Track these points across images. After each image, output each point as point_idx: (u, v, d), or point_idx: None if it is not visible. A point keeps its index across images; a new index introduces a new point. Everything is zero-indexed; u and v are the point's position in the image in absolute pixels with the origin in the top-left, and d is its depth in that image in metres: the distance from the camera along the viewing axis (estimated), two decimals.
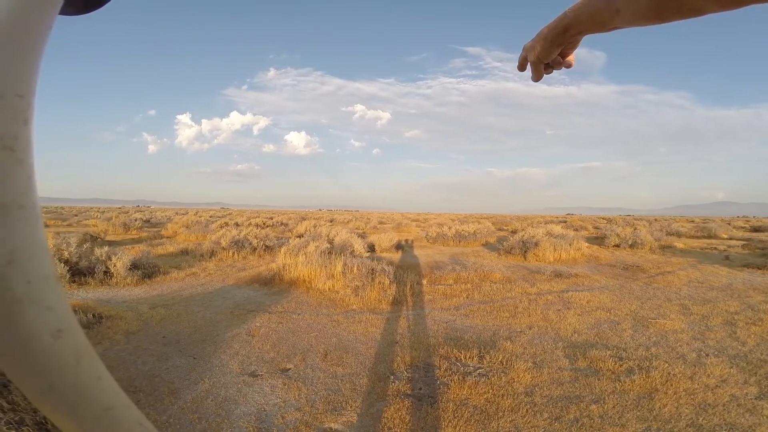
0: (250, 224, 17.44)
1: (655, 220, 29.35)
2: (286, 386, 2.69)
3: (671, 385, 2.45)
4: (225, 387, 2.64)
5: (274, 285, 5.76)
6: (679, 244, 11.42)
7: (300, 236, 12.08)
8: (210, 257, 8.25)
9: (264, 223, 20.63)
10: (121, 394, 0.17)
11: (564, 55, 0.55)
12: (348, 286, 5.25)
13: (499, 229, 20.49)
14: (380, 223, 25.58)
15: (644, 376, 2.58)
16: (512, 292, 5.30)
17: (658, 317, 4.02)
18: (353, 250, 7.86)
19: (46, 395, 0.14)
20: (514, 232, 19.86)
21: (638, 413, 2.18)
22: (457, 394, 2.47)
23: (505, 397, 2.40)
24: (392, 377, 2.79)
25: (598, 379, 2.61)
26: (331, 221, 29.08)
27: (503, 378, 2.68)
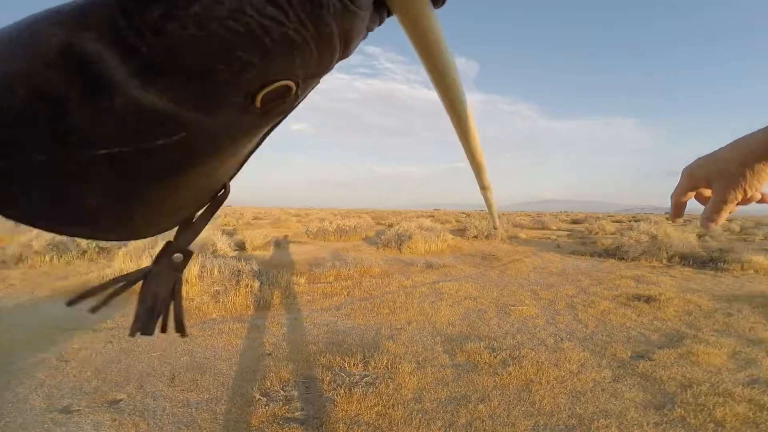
0: None
1: (502, 214, 34.67)
2: (116, 423, 2.06)
3: (543, 374, 2.65)
4: (23, 430, 1.86)
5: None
6: (523, 234, 13.55)
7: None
8: (16, 264, 6.24)
9: None
10: None
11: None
12: (206, 291, 4.50)
13: (378, 223, 21.21)
14: (255, 218, 23.79)
15: (518, 366, 2.74)
16: (390, 286, 5.32)
17: (516, 303, 4.50)
18: (215, 250, 6.92)
19: None
20: (390, 226, 20.82)
21: (523, 408, 2.26)
22: (346, 411, 2.20)
23: (396, 408, 2.24)
24: (265, 399, 2.37)
25: (479, 375, 2.67)
26: None
27: (391, 385, 2.52)
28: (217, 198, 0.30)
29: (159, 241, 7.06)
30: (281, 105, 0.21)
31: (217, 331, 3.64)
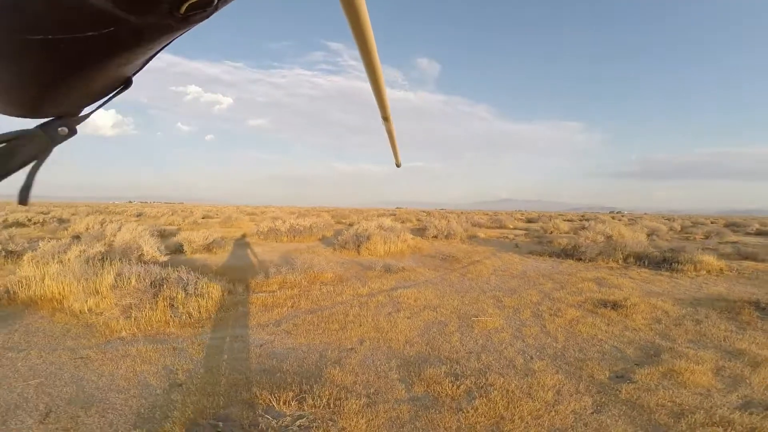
0: None
1: (461, 213, 35.15)
2: None
3: (515, 408, 2.19)
4: None
5: None
6: (481, 234, 13.47)
7: (77, 236, 8.93)
8: None
9: (30, 219, 15.01)
10: None
11: None
12: (118, 304, 3.70)
13: (338, 222, 20.42)
14: (205, 217, 22.22)
15: (485, 399, 2.27)
16: (344, 294, 4.74)
17: (479, 314, 4.09)
18: (142, 254, 6.01)
19: None
20: (351, 225, 20.14)
21: None
22: None
23: None
24: None
25: (440, 412, 2.17)
26: (138, 216, 23.63)
27: (332, 431, 1.97)
28: (120, 90, 0.32)
29: (71, 247, 5.99)
30: (201, 14, 0.23)
31: (120, 354, 2.93)
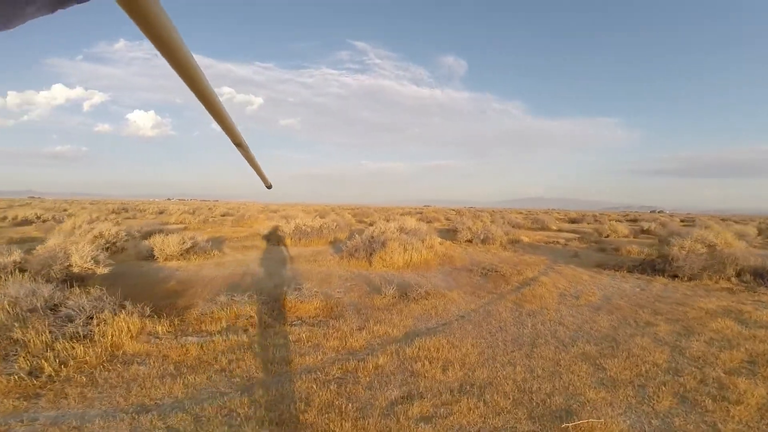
0: None
1: (494, 211, 32.43)
2: None
3: None
4: None
5: None
6: (525, 237, 11.17)
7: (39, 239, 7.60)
8: None
9: (38, 217, 14.26)
10: None
11: None
12: None
13: (360, 221, 18.58)
14: (225, 215, 20.95)
15: None
16: (321, 350, 2.82)
17: (570, 405, 2.04)
18: (70, 265, 4.41)
19: None
20: (371, 224, 18.12)
21: None
22: None
23: None
24: None
25: None
26: (160, 213, 22.81)
27: None
28: None
29: None
30: None
31: None
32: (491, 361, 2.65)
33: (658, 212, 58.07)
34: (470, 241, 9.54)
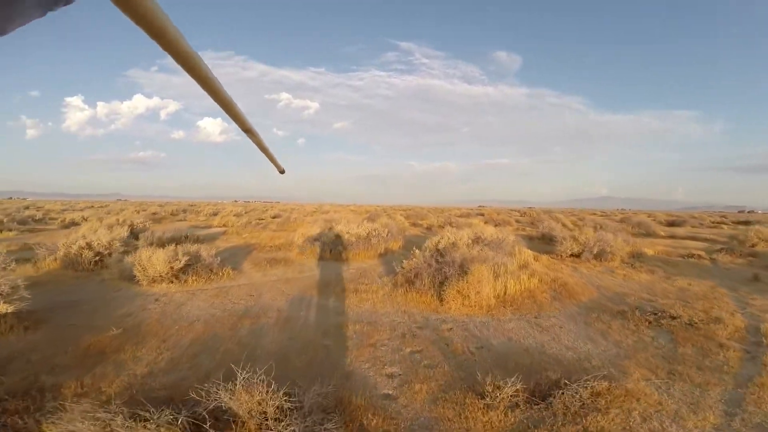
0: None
1: (563, 211, 28.14)
2: None
3: None
4: None
5: None
6: (649, 250, 8.04)
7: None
8: None
9: (85, 218, 13.81)
10: None
11: None
12: None
13: (414, 224, 16.06)
14: (275, 216, 19.56)
15: None
16: None
17: None
18: None
19: None
20: (429, 228, 15.53)
21: None
22: None
23: None
24: None
25: None
26: (214, 215, 22.26)
27: None
28: None
29: None
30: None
31: None
32: None
33: (748, 212, 50.08)
34: (577, 255, 6.72)
